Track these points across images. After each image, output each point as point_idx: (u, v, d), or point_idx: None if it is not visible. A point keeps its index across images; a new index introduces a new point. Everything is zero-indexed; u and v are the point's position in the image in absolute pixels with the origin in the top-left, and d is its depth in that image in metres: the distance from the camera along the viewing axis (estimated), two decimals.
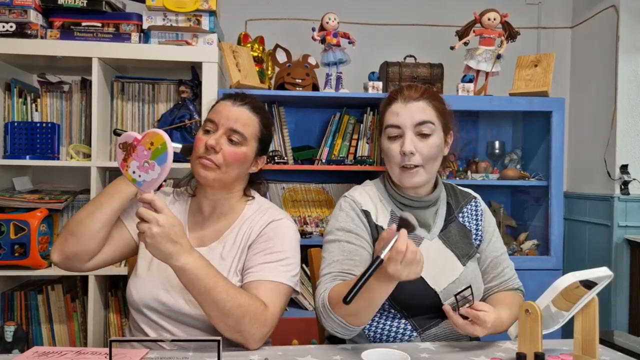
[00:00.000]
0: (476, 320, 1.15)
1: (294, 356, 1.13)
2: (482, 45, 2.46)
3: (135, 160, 1.08)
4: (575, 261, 2.89)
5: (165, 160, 1.05)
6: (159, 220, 1.06)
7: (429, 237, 1.35)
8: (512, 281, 1.42)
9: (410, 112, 1.29)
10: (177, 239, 1.08)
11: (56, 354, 1.10)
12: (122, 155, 1.10)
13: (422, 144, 1.29)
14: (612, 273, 1.11)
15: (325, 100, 2.54)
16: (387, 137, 1.32)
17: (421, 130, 1.29)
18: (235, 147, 1.27)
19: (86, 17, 2.15)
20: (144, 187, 1.08)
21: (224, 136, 1.27)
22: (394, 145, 1.30)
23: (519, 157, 2.80)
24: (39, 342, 2.20)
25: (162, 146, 1.05)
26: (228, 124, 1.27)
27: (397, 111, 1.30)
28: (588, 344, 1.11)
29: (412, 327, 1.29)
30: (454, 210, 1.42)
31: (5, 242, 2.02)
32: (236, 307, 1.12)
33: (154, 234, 1.05)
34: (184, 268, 1.09)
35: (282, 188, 2.68)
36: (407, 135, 1.28)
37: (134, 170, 1.08)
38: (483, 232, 1.42)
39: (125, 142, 1.09)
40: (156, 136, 1.06)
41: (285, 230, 1.30)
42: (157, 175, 1.06)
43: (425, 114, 1.30)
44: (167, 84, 2.33)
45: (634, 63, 2.64)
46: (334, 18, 2.39)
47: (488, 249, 1.41)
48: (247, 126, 1.29)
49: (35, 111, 2.25)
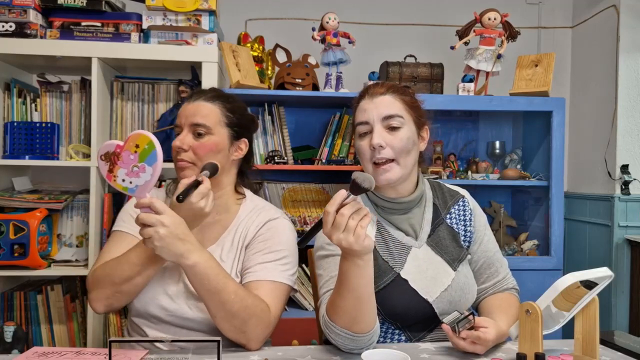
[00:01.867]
0: (477, 340, 1.12)
1: (294, 356, 1.13)
2: (483, 45, 2.46)
3: (122, 168, 1.05)
4: (576, 261, 2.89)
5: (156, 159, 1.03)
6: (163, 222, 1.04)
7: (417, 245, 1.32)
8: (506, 281, 1.40)
9: (377, 106, 1.27)
10: (185, 237, 1.08)
11: (56, 354, 1.09)
12: (106, 166, 1.06)
13: (392, 137, 1.26)
14: (612, 273, 1.11)
15: (325, 100, 2.54)
16: (358, 135, 1.30)
17: (390, 124, 1.27)
18: (202, 140, 1.26)
19: (86, 17, 2.14)
20: (138, 192, 1.05)
21: (189, 134, 1.27)
22: (364, 142, 1.28)
23: (520, 157, 2.80)
24: (39, 342, 2.20)
25: (149, 146, 1.03)
26: (188, 121, 1.27)
27: (364, 107, 1.29)
28: (588, 344, 1.11)
29: (406, 338, 1.27)
30: (441, 212, 1.37)
31: (4, 242, 2.02)
32: (243, 309, 1.12)
33: (161, 236, 1.04)
34: (195, 266, 1.08)
35: (282, 188, 2.68)
36: (375, 130, 1.26)
37: (124, 179, 1.05)
38: (473, 232, 1.38)
39: (107, 152, 1.06)
40: (140, 137, 1.04)
41: (282, 229, 1.30)
42: (149, 177, 1.04)
43: (392, 107, 1.28)
44: (167, 83, 2.32)
45: (635, 63, 2.64)
46: (334, 18, 2.39)
47: (480, 250, 1.38)
48: (206, 116, 1.28)
49: (35, 111, 2.25)
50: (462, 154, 2.85)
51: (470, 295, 1.33)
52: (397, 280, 1.26)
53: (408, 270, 1.27)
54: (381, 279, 1.26)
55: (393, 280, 1.26)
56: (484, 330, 1.13)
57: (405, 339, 1.27)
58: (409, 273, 1.27)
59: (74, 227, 2.25)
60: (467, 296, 1.31)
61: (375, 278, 1.22)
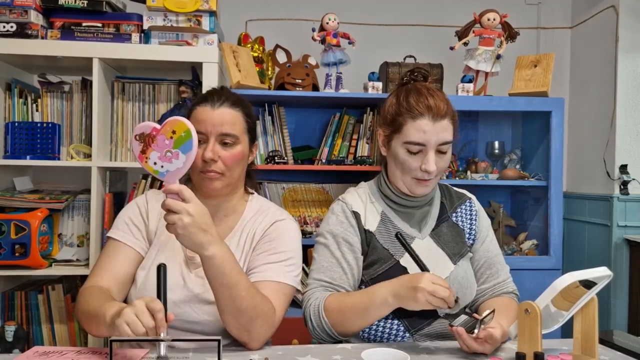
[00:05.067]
0: (490, 339, 1.13)
1: (294, 356, 1.14)
2: (482, 45, 2.46)
3: (155, 151, 1.03)
4: (575, 261, 2.89)
5: (191, 147, 1.02)
6: (189, 210, 1.03)
7: (420, 237, 1.37)
8: (506, 284, 1.41)
9: (437, 131, 1.27)
10: (207, 228, 1.07)
11: (56, 354, 1.10)
12: (139, 147, 1.04)
13: (440, 159, 1.30)
14: (611, 273, 1.11)
15: (325, 100, 2.55)
16: (406, 149, 1.30)
17: (442, 149, 1.30)
18: (231, 149, 1.26)
19: (86, 18, 2.15)
20: (168, 177, 1.04)
21: (217, 143, 1.25)
22: (414, 160, 1.29)
23: (519, 157, 2.80)
24: (40, 341, 2.20)
25: (185, 134, 1.01)
26: (216, 130, 1.24)
27: (423, 129, 1.26)
28: (587, 344, 1.12)
29: (404, 327, 1.29)
30: (447, 210, 1.43)
31: (5, 242, 2.02)
32: (252, 307, 1.13)
33: (185, 224, 1.03)
34: (214, 258, 1.08)
35: (282, 188, 2.69)
36: (430, 155, 1.28)
37: (155, 162, 1.03)
38: (477, 232, 1.43)
39: (142, 132, 1.04)
40: (178, 123, 1.02)
41: (288, 230, 1.31)
42: (182, 164, 1.03)
43: (448, 133, 1.29)
44: (168, 84, 2.33)
45: (634, 63, 2.65)
46: (334, 18, 2.40)
47: (482, 249, 1.42)
48: (234, 125, 1.27)
49: (36, 111, 2.25)
50: (461, 154, 2.86)
51: (469, 291, 1.35)
52: (395, 268, 1.31)
53: (407, 259, 1.29)
54: (380, 266, 1.31)
55: (391, 267, 1.31)
56: (491, 329, 1.14)
57: (404, 329, 1.29)
58: (408, 262, 1.29)
59: (75, 226, 2.26)
60: (465, 292, 1.33)
61: (374, 265, 1.32)
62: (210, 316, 1.20)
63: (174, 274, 1.24)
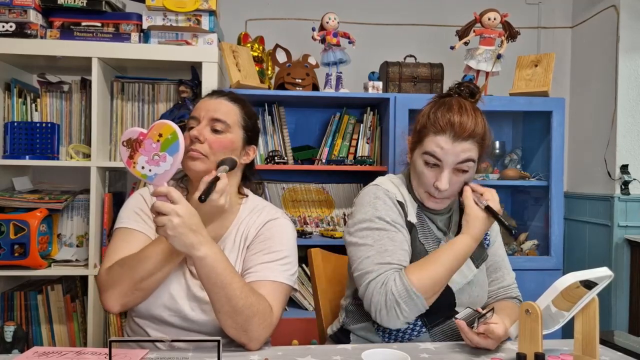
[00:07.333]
0: (491, 334, 1.14)
1: (294, 356, 1.13)
2: (482, 45, 2.45)
3: (143, 155, 1.06)
4: (576, 261, 2.89)
5: (177, 149, 1.04)
6: (178, 211, 1.04)
7: (445, 240, 1.37)
8: (510, 289, 1.43)
9: (456, 151, 1.26)
10: (197, 229, 1.08)
11: (56, 354, 1.09)
12: (127, 152, 1.07)
13: (456, 178, 1.29)
14: (612, 273, 1.11)
15: (325, 100, 2.54)
16: (424, 160, 1.29)
17: (460, 168, 1.28)
18: (219, 135, 1.27)
19: (86, 17, 2.14)
20: (157, 180, 1.06)
21: (207, 127, 1.27)
22: (430, 173, 1.29)
23: (519, 157, 2.80)
24: (39, 342, 2.20)
25: (172, 136, 1.04)
26: (209, 115, 1.28)
27: (442, 145, 1.26)
28: (588, 344, 1.11)
29: (422, 323, 1.30)
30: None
31: (5, 242, 2.02)
32: (248, 306, 1.12)
33: (174, 225, 1.04)
34: (205, 258, 1.08)
35: (282, 188, 2.68)
36: (445, 173, 1.27)
37: (143, 166, 1.06)
38: (491, 236, 1.45)
39: (130, 138, 1.07)
40: (164, 127, 1.05)
41: (282, 229, 1.31)
42: (169, 167, 1.05)
43: (468, 153, 1.27)
44: (167, 84, 2.32)
45: (634, 63, 2.64)
46: (334, 18, 2.39)
47: (490, 252, 1.44)
48: (227, 114, 1.29)
49: (35, 111, 2.25)
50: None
51: (485, 294, 1.39)
52: None
53: None
54: (415, 259, 1.30)
55: None
56: (493, 325, 1.15)
57: (422, 324, 1.30)
58: None
59: (74, 227, 2.25)
60: (483, 294, 1.37)
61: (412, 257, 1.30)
62: (207, 316, 1.20)
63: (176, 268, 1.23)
